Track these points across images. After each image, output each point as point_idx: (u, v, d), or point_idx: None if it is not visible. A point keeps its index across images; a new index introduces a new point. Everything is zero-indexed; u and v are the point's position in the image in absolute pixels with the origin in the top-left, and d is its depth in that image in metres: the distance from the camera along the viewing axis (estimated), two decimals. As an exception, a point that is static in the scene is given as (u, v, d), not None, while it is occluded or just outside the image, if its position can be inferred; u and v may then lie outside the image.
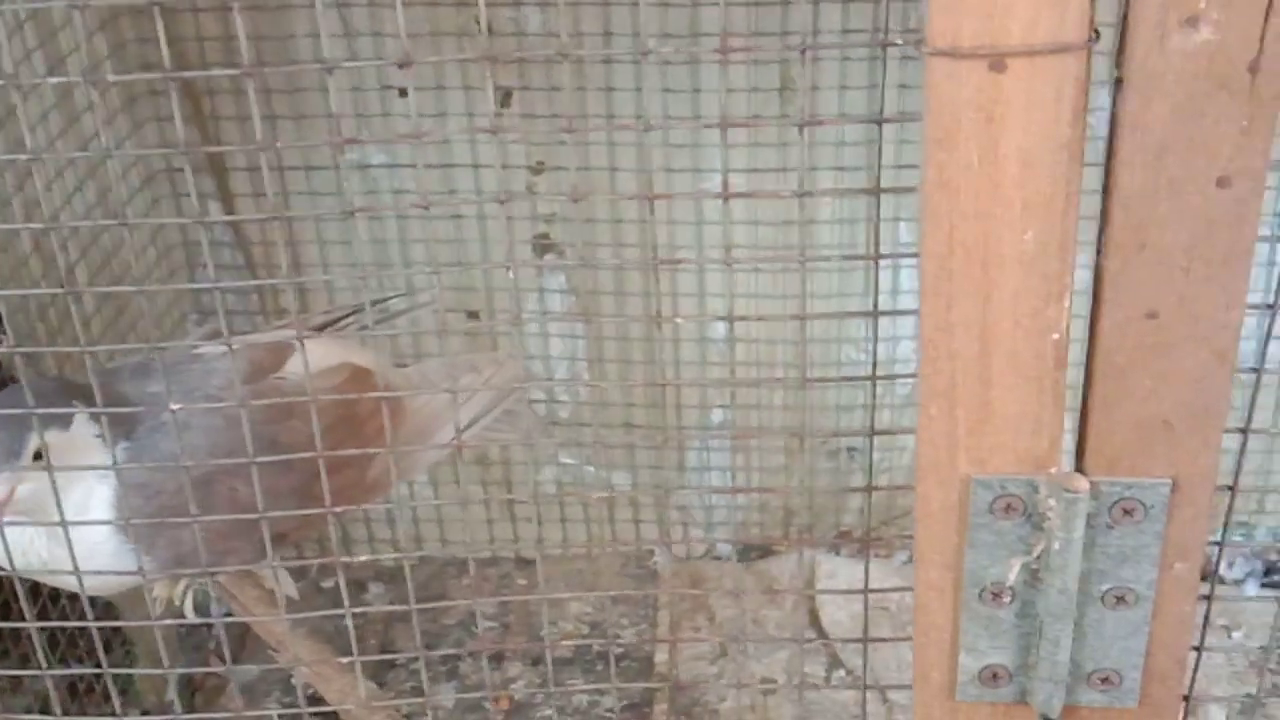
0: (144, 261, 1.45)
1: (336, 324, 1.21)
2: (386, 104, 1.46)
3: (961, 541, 0.63)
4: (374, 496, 1.07)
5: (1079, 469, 0.62)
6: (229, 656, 0.83)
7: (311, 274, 1.50)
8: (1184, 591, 0.64)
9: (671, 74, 1.43)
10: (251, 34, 1.40)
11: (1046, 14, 0.54)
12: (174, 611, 1.02)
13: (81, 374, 1.00)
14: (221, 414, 0.96)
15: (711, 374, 1.55)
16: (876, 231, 0.61)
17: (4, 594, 1.15)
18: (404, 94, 1.45)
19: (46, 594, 1.22)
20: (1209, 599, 0.68)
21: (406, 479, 1.35)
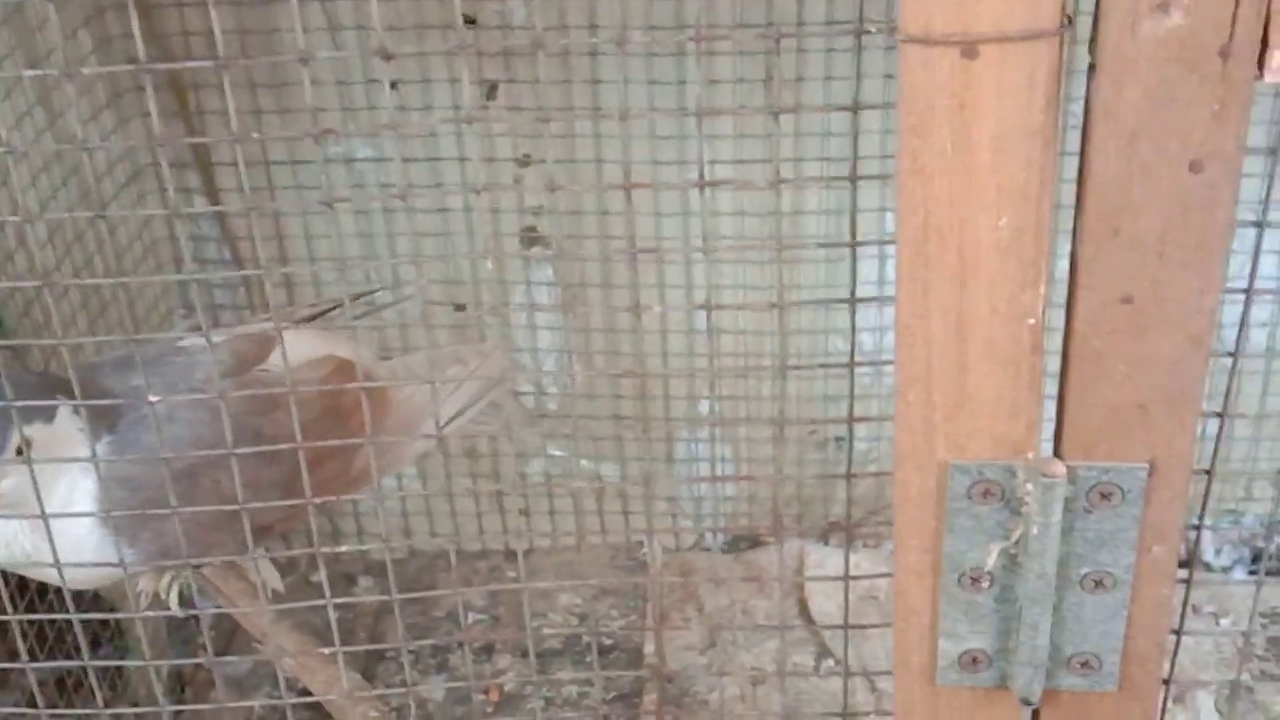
0: (130, 257, 1.45)
1: (322, 317, 1.21)
2: (372, 98, 1.46)
3: (940, 527, 0.63)
4: (359, 488, 1.07)
5: (1056, 454, 0.63)
6: (214, 650, 0.83)
7: (300, 272, 1.50)
8: (1162, 575, 0.65)
9: (657, 66, 1.43)
10: (236, 29, 1.40)
11: (1019, 1, 0.54)
12: (159, 605, 1.02)
13: (64, 367, 1.01)
14: (206, 406, 0.96)
15: (699, 366, 1.55)
16: (853, 219, 0.61)
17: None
18: (393, 86, 1.44)
19: (34, 589, 1.22)
20: (1188, 583, 0.69)
21: (393, 471, 1.35)
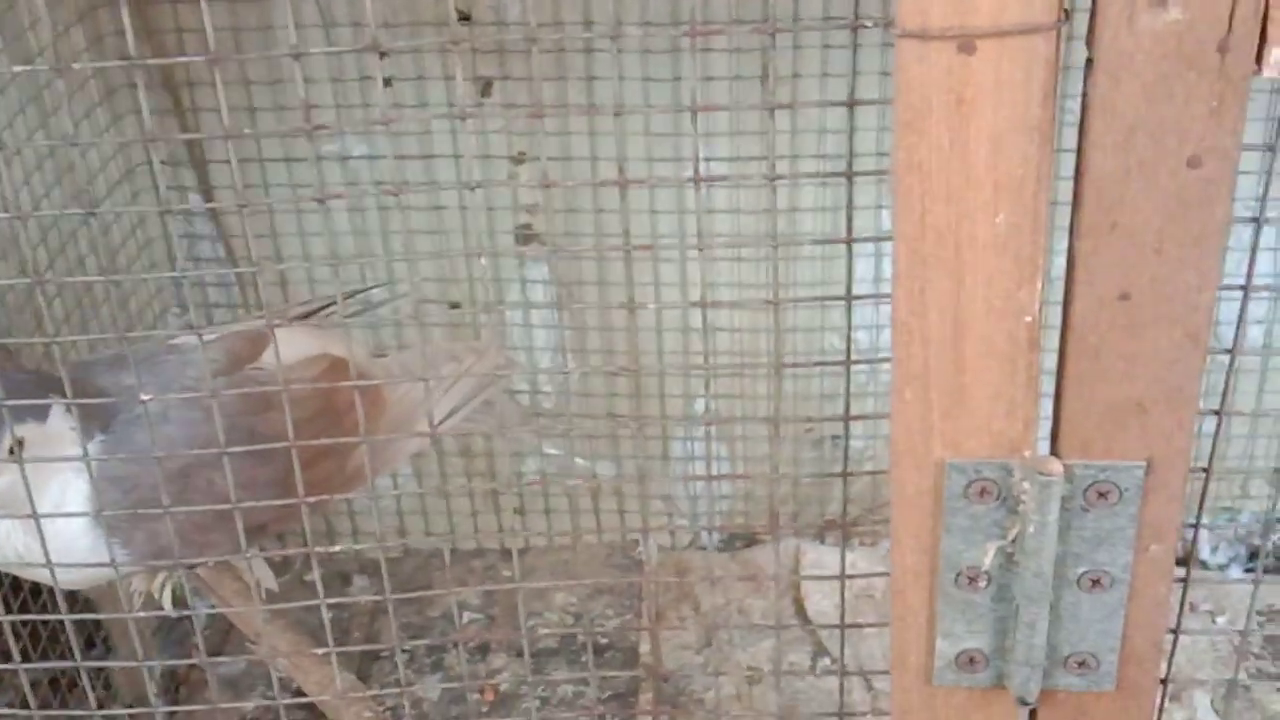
0: (124, 255, 1.44)
1: (316, 314, 1.21)
2: (367, 95, 1.45)
3: (937, 526, 0.63)
4: (355, 487, 1.07)
5: (1053, 452, 0.62)
6: (206, 649, 0.83)
7: (295, 272, 1.50)
8: (1159, 574, 0.64)
9: (652, 63, 1.42)
10: (230, 26, 1.40)
11: (1015, -6, 0.54)
12: (153, 605, 1.01)
13: (57, 367, 1.00)
14: (199, 405, 0.96)
15: (694, 364, 1.55)
16: (849, 216, 0.61)
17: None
18: (388, 84, 1.44)
19: (28, 589, 1.22)
20: (1185, 582, 0.68)
21: (388, 470, 1.35)
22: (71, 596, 1.15)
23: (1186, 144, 0.55)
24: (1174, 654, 0.68)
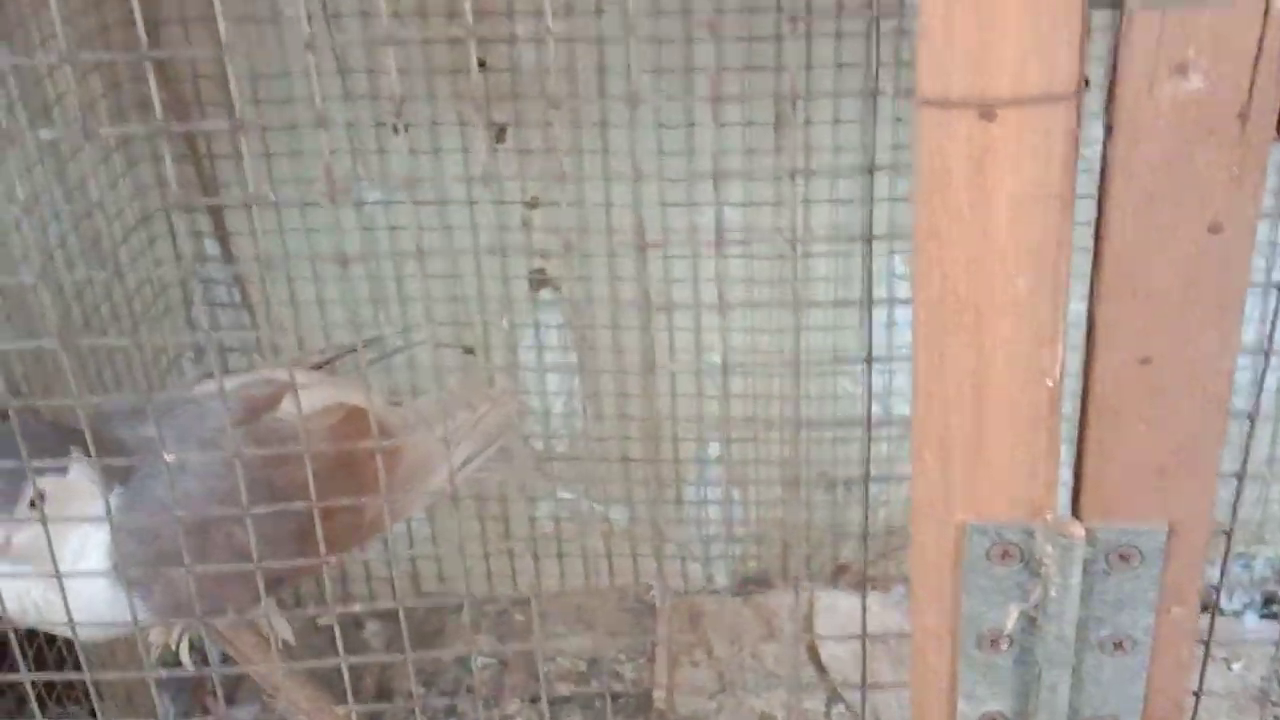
0: (140, 300, 1.45)
1: (331, 363, 1.21)
2: (382, 140, 1.46)
3: (958, 588, 0.63)
4: (373, 535, 1.07)
5: (1075, 514, 0.62)
6: (224, 700, 0.82)
7: (309, 313, 1.50)
8: (1182, 636, 0.64)
9: (666, 109, 1.43)
10: (246, 71, 1.40)
11: (1035, 65, 0.54)
12: (170, 657, 1.01)
13: (76, 417, 1.01)
14: (217, 457, 0.96)
15: (709, 408, 1.55)
16: (869, 279, 0.61)
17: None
18: (403, 130, 1.45)
19: (42, 638, 1.22)
20: (1207, 644, 0.68)
21: (405, 516, 1.35)
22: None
23: (1207, 210, 0.56)
24: (1196, 715, 0.68)
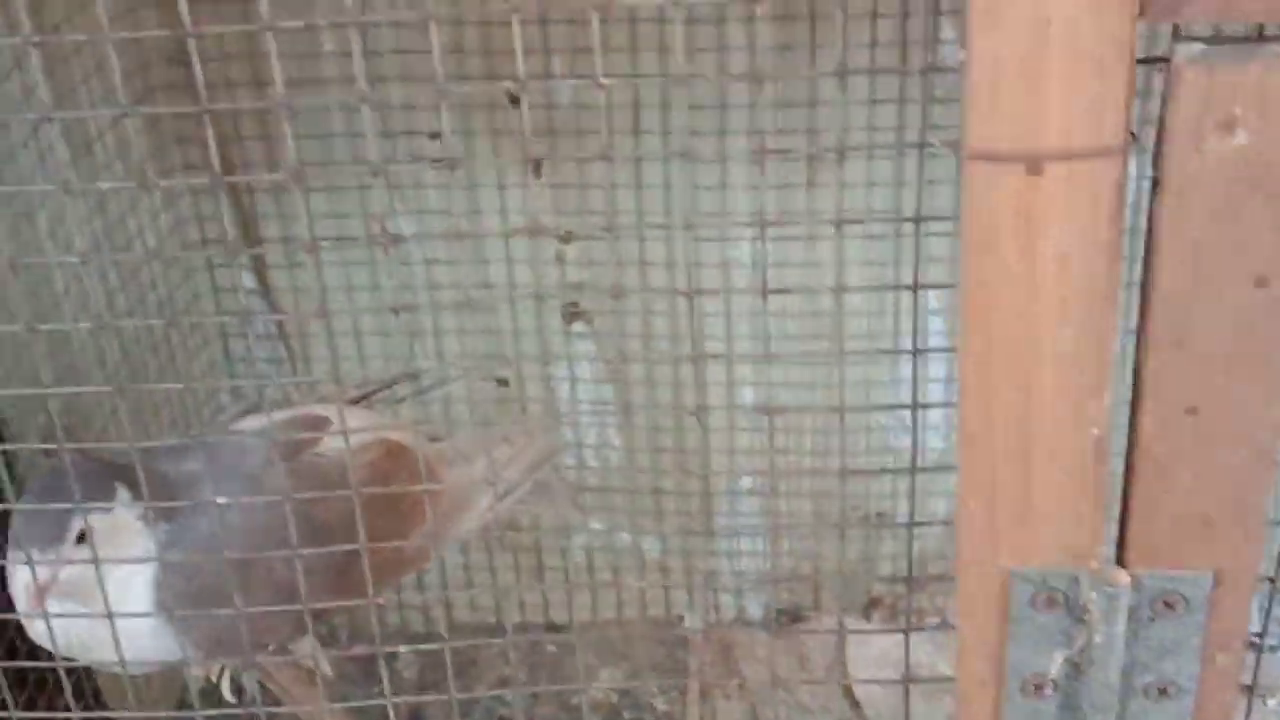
0: (176, 334, 1.47)
1: (370, 397, 1.22)
2: (418, 174, 1.47)
3: (1003, 634, 0.63)
4: (412, 570, 1.08)
5: (1120, 562, 0.63)
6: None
7: (345, 343, 1.51)
8: (1227, 682, 0.64)
9: (699, 144, 1.44)
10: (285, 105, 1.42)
11: (1083, 120, 0.55)
12: (211, 689, 1.02)
13: (120, 453, 1.02)
14: (258, 492, 0.97)
15: (740, 440, 1.56)
16: (915, 326, 0.62)
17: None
18: (435, 164, 1.46)
19: (81, 672, 1.23)
20: (1251, 688, 0.68)
21: (443, 550, 1.36)
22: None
23: (1254, 264, 0.56)
24: (1239, 761, 0.68)
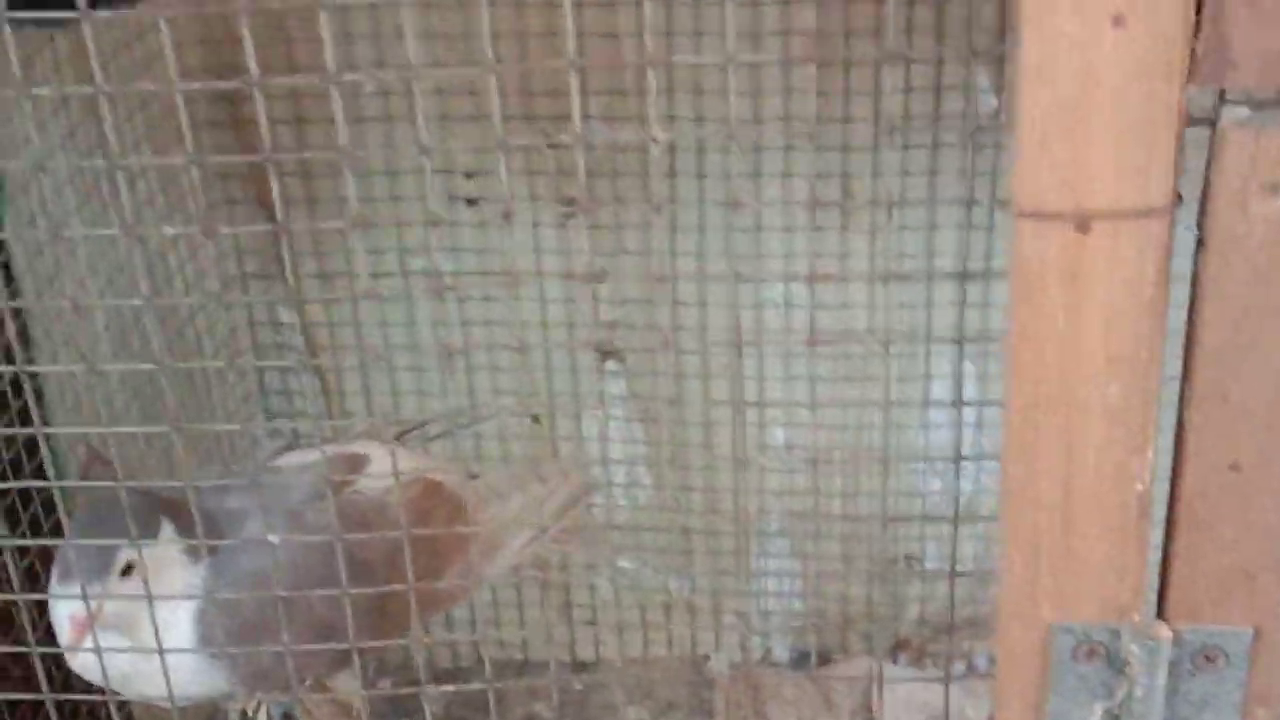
0: (221, 384, 1.48)
1: (405, 435, 1.24)
2: (454, 212, 1.49)
3: (1044, 686, 0.64)
4: (447, 608, 1.08)
5: (1160, 616, 0.63)
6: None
7: (377, 378, 1.53)
8: (1265, 738, 0.65)
9: (733, 187, 1.45)
10: (325, 144, 1.44)
11: (1130, 180, 0.56)
12: (247, 723, 1.03)
13: (162, 484, 1.03)
14: (300, 529, 0.98)
15: (770, 480, 1.56)
16: (959, 383, 0.63)
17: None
18: (471, 203, 1.48)
19: (112, 705, 1.23)
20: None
21: (477, 589, 1.37)
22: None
23: (1298, 323, 0.57)
24: (1277, 815, 0.69)
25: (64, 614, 0.90)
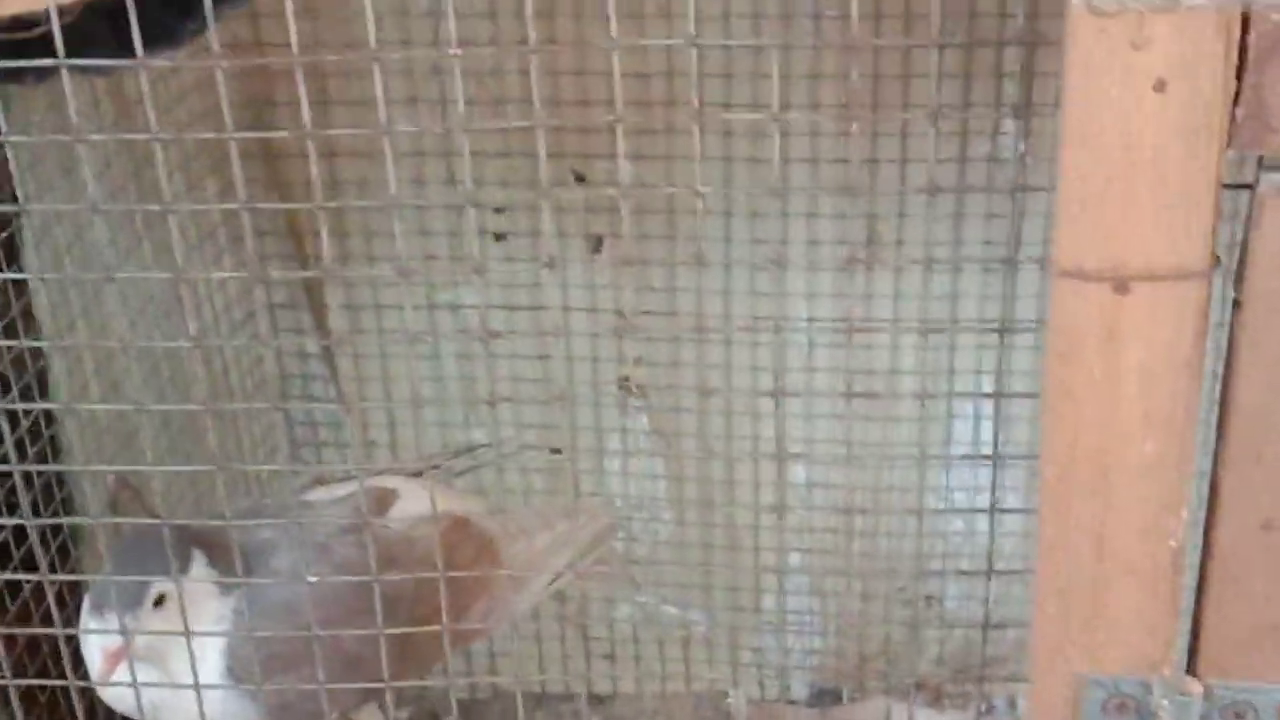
0: (241, 395, 1.49)
1: (428, 470, 1.24)
2: (483, 248, 1.50)
3: (1075, 737, 0.65)
4: (470, 643, 1.09)
5: (1190, 670, 0.64)
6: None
7: (403, 410, 1.54)
8: (1294, 793, 0.65)
9: (759, 225, 1.46)
10: (356, 179, 1.45)
11: (1170, 243, 0.56)
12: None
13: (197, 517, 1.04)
14: (329, 563, 0.99)
15: (792, 519, 1.57)
16: (996, 434, 0.63)
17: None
18: (502, 238, 1.49)
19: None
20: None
21: (501, 626, 1.37)
22: None
23: (1333, 385, 0.58)
24: None
25: (96, 645, 0.91)
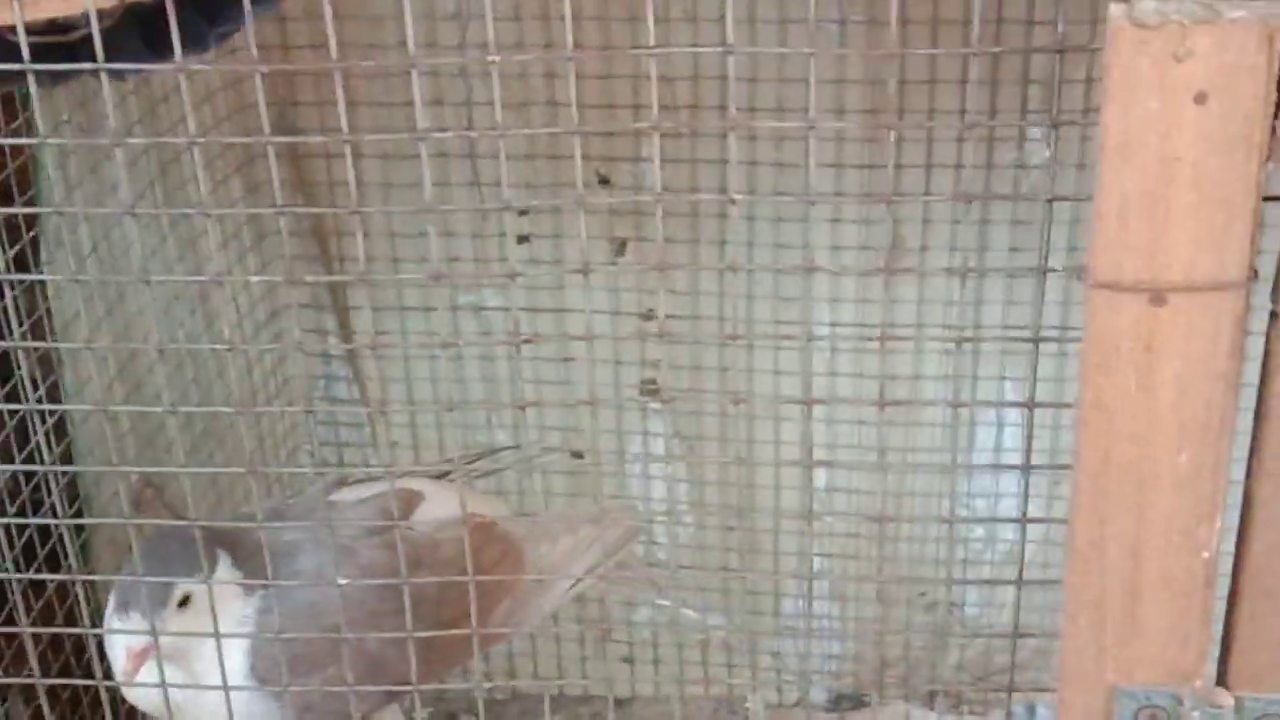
0: (263, 395, 1.50)
1: (451, 473, 1.25)
2: (504, 249, 1.50)
3: (1105, 749, 0.64)
4: (491, 646, 1.09)
5: (1221, 682, 0.64)
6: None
7: (430, 409, 1.54)
8: (1324, 807, 0.65)
9: (783, 230, 1.46)
10: (381, 181, 1.45)
11: (1207, 254, 0.56)
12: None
13: (221, 518, 1.04)
14: (354, 564, 0.99)
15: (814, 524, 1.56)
16: (1028, 442, 0.63)
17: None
18: (525, 240, 1.49)
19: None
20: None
21: (524, 629, 1.37)
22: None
23: (1370, 399, 0.57)
24: None
25: (120, 645, 0.91)
